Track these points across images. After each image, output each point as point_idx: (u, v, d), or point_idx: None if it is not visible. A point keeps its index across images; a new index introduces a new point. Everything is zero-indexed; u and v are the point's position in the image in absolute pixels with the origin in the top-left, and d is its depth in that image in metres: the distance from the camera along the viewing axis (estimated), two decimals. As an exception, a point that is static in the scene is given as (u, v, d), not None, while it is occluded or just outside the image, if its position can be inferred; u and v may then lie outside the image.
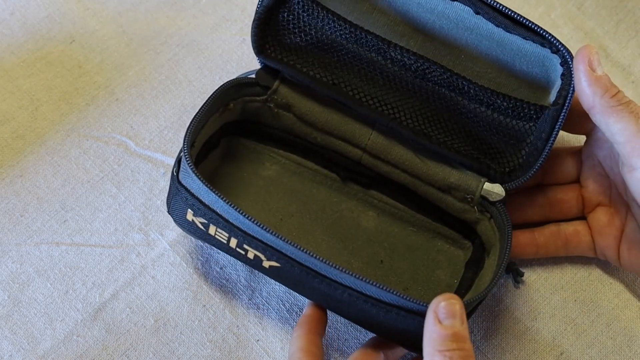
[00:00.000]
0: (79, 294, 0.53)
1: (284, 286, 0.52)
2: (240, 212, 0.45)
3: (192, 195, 0.47)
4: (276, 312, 0.53)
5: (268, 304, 0.54)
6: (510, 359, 0.53)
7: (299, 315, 0.53)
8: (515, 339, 0.54)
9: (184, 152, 0.47)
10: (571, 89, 0.48)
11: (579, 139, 0.57)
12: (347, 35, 0.51)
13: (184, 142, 0.47)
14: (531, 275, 0.55)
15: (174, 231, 0.55)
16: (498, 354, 0.53)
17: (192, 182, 0.47)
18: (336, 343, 0.53)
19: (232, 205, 0.45)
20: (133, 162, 0.58)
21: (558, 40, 0.47)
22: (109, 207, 0.56)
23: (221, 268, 0.54)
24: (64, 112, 0.59)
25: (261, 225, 0.45)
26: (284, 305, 0.54)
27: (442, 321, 0.42)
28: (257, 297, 0.54)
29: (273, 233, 0.45)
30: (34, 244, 0.54)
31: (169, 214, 0.51)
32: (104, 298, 0.53)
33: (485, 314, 0.54)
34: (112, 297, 0.53)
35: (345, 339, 0.53)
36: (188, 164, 0.46)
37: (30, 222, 0.55)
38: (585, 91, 0.47)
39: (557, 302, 0.55)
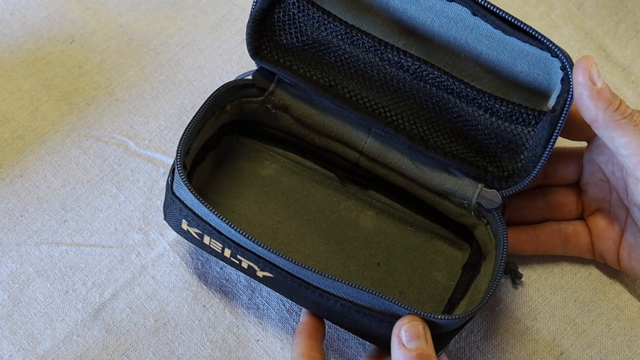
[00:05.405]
0: (79, 294, 0.53)
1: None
2: (232, 226, 0.45)
3: (186, 206, 0.47)
4: (276, 312, 0.53)
5: (268, 304, 0.54)
6: (510, 359, 0.53)
7: (299, 315, 0.53)
8: (515, 339, 0.53)
9: (177, 166, 0.46)
10: (570, 95, 0.46)
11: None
12: (343, 36, 0.51)
13: (177, 153, 0.47)
14: (531, 275, 0.55)
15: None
16: (498, 354, 0.53)
17: (185, 194, 0.47)
18: (336, 343, 0.53)
19: (223, 219, 0.45)
20: (133, 162, 0.58)
21: (556, 46, 0.46)
22: (109, 207, 0.56)
23: (221, 268, 0.54)
24: (64, 112, 0.59)
25: (252, 239, 0.45)
26: (284, 305, 0.54)
27: (406, 344, 0.43)
28: (257, 297, 0.54)
29: (263, 246, 0.45)
30: (34, 244, 0.54)
31: (166, 221, 0.51)
32: (104, 298, 0.53)
33: (485, 314, 0.54)
34: (112, 297, 0.53)
35: (345, 339, 0.53)
36: (181, 177, 0.46)
37: (30, 222, 0.55)
38: (587, 105, 0.46)
39: (557, 302, 0.55)
